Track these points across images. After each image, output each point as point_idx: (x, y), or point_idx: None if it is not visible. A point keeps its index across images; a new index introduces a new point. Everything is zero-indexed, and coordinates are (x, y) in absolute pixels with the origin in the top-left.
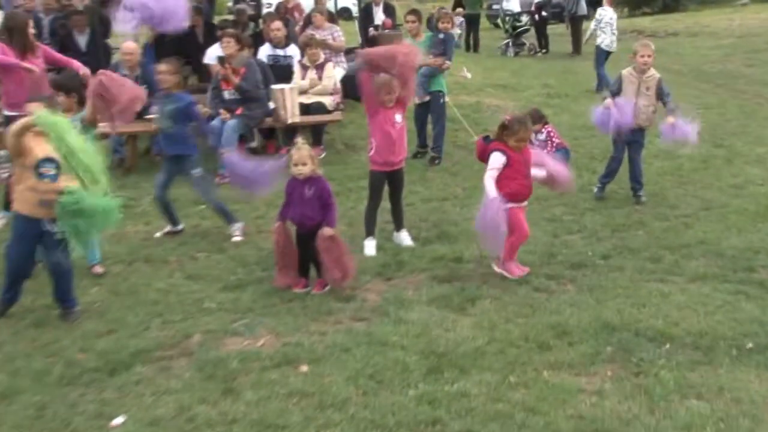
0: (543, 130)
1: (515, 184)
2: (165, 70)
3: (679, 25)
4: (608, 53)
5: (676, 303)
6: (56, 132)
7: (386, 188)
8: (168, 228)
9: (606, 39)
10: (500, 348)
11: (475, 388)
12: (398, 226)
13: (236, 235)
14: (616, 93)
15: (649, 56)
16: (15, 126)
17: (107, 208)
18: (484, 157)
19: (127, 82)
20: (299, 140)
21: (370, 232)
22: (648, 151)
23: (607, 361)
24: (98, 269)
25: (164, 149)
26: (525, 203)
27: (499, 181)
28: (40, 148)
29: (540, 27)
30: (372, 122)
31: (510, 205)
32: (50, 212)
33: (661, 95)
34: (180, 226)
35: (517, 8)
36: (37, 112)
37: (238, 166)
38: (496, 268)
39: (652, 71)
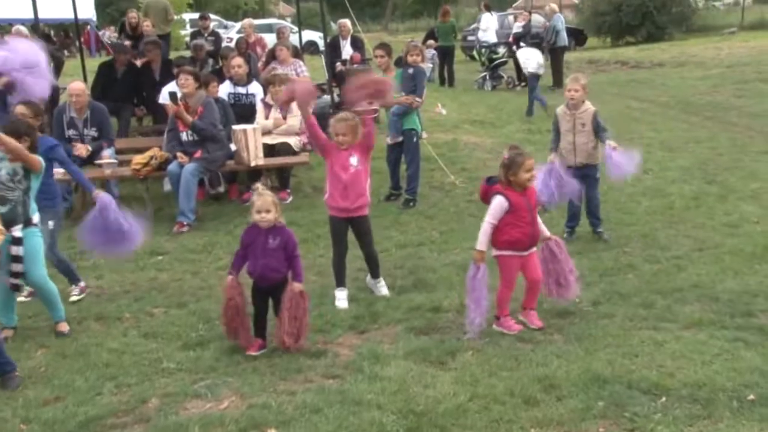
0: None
1: (517, 232)
2: (24, 113)
3: (665, 55)
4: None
5: (670, 352)
6: None
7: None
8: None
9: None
10: (484, 404)
11: None
12: (372, 274)
13: (74, 295)
14: (555, 132)
15: (576, 90)
16: None
17: None
18: (486, 200)
19: None
20: (259, 185)
21: (339, 283)
22: (636, 189)
23: (599, 416)
24: (63, 327)
25: None
26: (528, 251)
27: (500, 228)
28: None
29: (516, 60)
30: (327, 163)
31: (505, 252)
32: None
33: (597, 130)
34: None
35: (493, 39)
36: None
37: (106, 218)
38: (495, 327)
39: (587, 105)
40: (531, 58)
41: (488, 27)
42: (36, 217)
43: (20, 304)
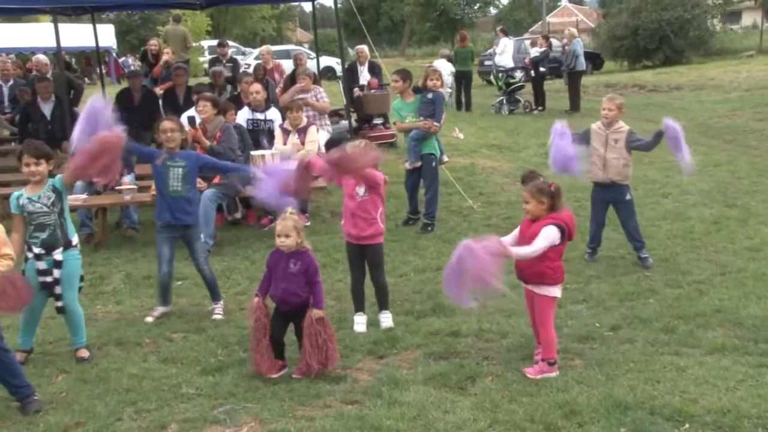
0: None
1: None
2: (171, 128)
3: (683, 78)
4: None
5: (693, 378)
6: None
7: None
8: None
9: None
10: (504, 430)
11: None
12: (380, 306)
13: (218, 313)
14: (583, 135)
15: (610, 110)
16: None
17: None
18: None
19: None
20: (287, 210)
21: (358, 308)
22: (656, 213)
23: None
24: (83, 353)
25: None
26: (523, 285)
27: (556, 260)
28: None
29: (537, 83)
30: None
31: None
32: None
33: (631, 144)
34: (169, 307)
35: (510, 63)
36: None
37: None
38: (547, 374)
39: (621, 124)
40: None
41: (504, 51)
42: (75, 239)
43: (42, 328)
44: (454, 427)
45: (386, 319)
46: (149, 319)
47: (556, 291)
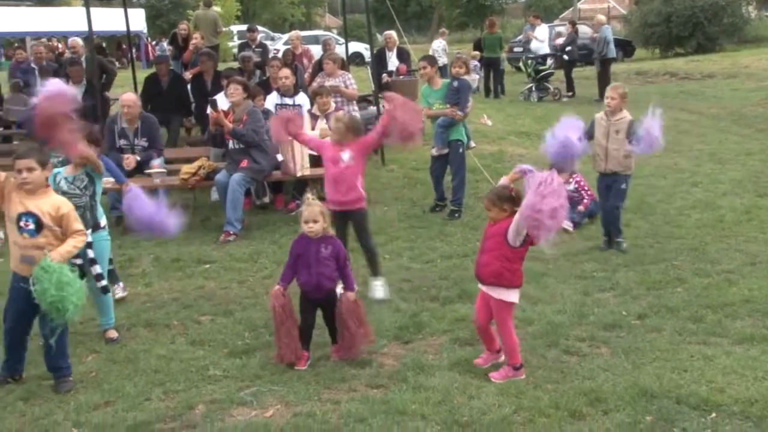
0: (571, 180)
1: None
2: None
3: (716, 66)
4: None
5: (721, 367)
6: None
7: None
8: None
9: None
10: (529, 417)
11: None
12: (372, 271)
13: (119, 293)
14: (588, 135)
15: (612, 98)
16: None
17: (75, 289)
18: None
19: None
20: (309, 196)
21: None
22: (685, 202)
23: (647, 431)
24: (112, 334)
25: None
26: (480, 285)
27: (518, 263)
28: (20, 202)
29: (567, 70)
30: None
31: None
32: (29, 268)
33: (630, 135)
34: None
35: (547, 50)
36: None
37: (138, 205)
38: (512, 377)
39: (623, 114)
40: None
41: (544, 38)
42: (103, 221)
43: None
44: (478, 413)
45: (379, 289)
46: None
47: (513, 296)
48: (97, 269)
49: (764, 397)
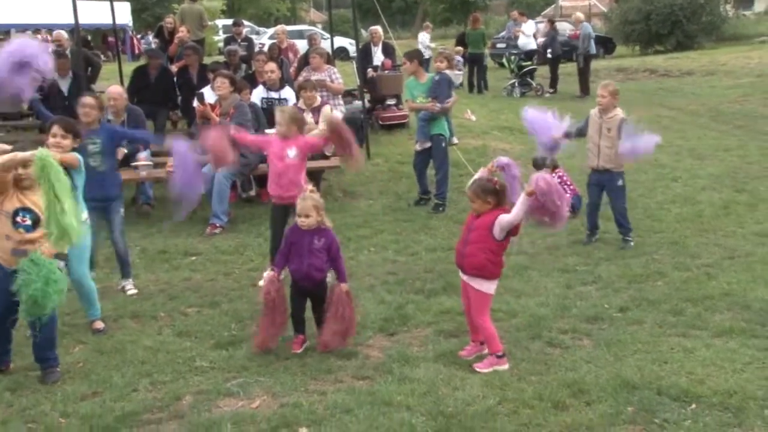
0: (554, 174)
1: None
2: (90, 104)
3: (694, 64)
4: None
5: (700, 359)
6: (50, 175)
7: None
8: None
9: None
10: (513, 408)
11: None
12: None
13: (129, 289)
14: (582, 130)
15: (603, 96)
16: (3, 159)
17: (58, 288)
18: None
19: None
20: (308, 189)
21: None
22: (665, 196)
23: (629, 422)
24: (98, 325)
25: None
26: (461, 274)
27: (499, 254)
28: (20, 197)
29: (553, 66)
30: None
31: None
32: (12, 260)
33: (620, 133)
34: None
35: (534, 46)
36: (41, 151)
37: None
38: (497, 367)
39: (616, 111)
40: None
41: (531, 33)
42: (85, 215)
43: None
44: (463, 404)
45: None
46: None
47: (491, 287)
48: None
49: (743, 388)
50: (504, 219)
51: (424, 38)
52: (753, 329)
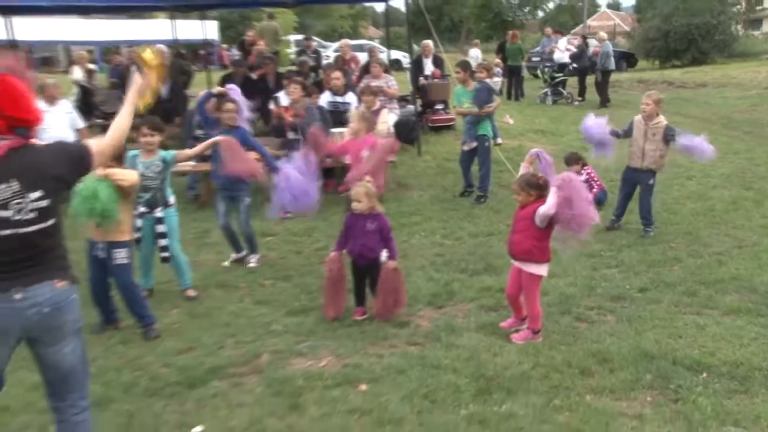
0: (583, 171)
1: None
2: (233, 109)
3: (708, 77)
4: None
5: (711, 334)
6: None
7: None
8: (233, 255)
9: None
10: (545, 373)
11: (522, 409)
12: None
13: (252, 263)
14: (627, 132)
15: (647, 104)
16: None
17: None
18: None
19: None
20: (365, 179)
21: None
22: (681, 193)
23: (647, 387)
24: (191, 293)
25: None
26: (513, 261)
27: (546, 240)
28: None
29: (581, 78)
30: None
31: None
32: (101, 234)
33: (667, 138)
34: (243, 252)
35: (567, 59)
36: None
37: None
38: (533, 340)
39: (660, 118)
40: None
41: (564, 48)
42: (172, 200)
43: (159, 270)
44: (501, 368)
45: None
46: (226, 263)
47: (542, 270)
48: (163, 242)
49: (748, 360)
50: (541, 209)
51: (476, 53)
52: (759, 309)
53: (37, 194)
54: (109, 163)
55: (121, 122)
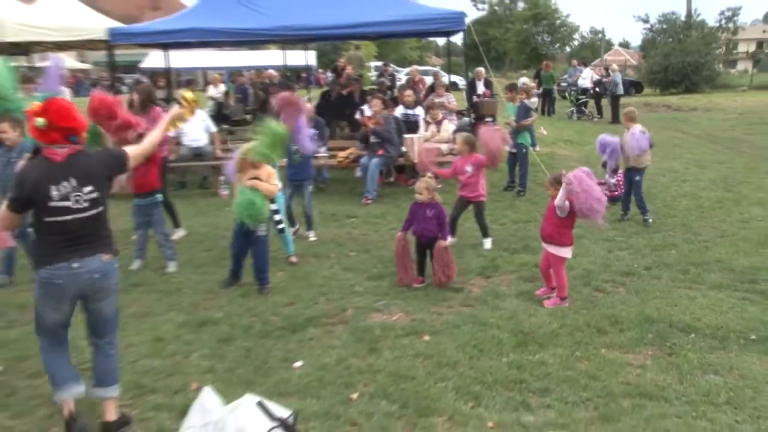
0: (615, 176)
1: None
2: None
3: (698, 102)
4: None
5: (699, 304)
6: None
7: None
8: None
9: None
10: (569, 331)
11: (551, 358)
12: (483, 234)
13: (312, 237)
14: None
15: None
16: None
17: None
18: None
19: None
20: (428, 175)
21: (453, 233)
22: (677, 193)
23: (649, 344)
24: (293, 259)
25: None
26: (542, 243)
27: (569, 227)
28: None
29: (597, 100)
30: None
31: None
32: None
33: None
34: (296, 227)
35: (589, 85)
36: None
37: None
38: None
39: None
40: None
41: (587, 77)
42: (279, 185)
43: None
44: (535, 326)
45: (488, 243)
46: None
47: (565, 252)
48: (277, 217)
49: (726, 324)
50: (555, 202)
51: (524, 80)
52: (735, 285)
53: (89, 188)
54: (254, 176)
55: (154, 136)
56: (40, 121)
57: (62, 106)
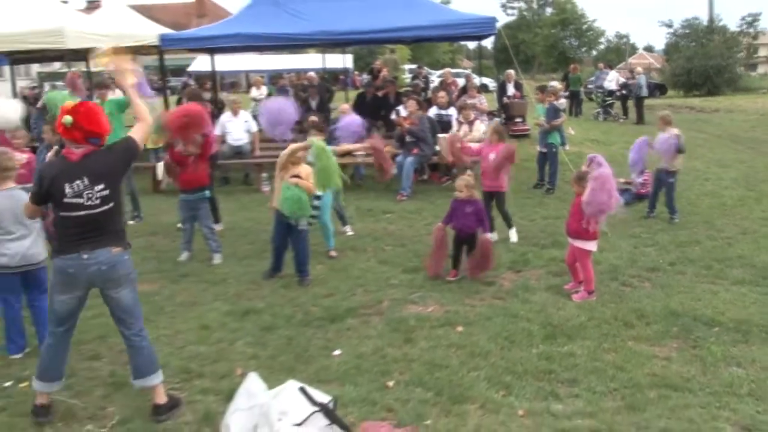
0: (642, 176)
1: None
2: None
3: (720, 104)
4: None
5: (722, 299)
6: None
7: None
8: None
9: None
10: (597, 324)
11: (579, 350)
12: (507, 225)
13: (349, 232)
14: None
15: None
16: (289, 150)
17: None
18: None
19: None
20: (469, 172)
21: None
22: (700, 191)
23: (674, 337)
24: (333, 253)
25: None
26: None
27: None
28: (291, 169)
29: (623, 101)
30: None
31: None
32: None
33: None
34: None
35: (615, 87)
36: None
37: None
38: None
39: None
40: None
41: (612, 79)
42: None
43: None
44: (564, 319)
45: (513, 234)
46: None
47: (590, 245)
48: (315, 212)
49: (749, 319)
50: (582, 198)
51: (554, 83)
52: (757, 281)
53: (100, 186)
54: (297, 173)
55: (141, 113)
56: (67, 118)
57: (91, 109)
